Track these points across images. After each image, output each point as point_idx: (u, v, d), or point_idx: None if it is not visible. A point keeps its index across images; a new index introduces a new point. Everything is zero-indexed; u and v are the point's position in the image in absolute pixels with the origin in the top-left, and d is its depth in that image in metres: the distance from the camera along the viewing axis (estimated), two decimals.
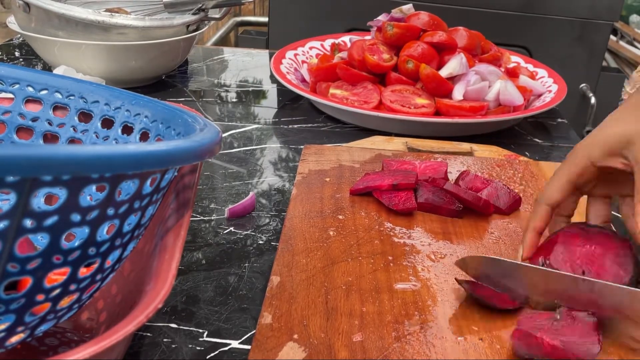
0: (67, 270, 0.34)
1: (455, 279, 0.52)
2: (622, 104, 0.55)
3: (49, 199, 0.51)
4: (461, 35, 0.98)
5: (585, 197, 0.57)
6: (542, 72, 1.06)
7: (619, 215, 0.71)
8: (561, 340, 0.44)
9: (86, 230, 0.33)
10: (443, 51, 0.94)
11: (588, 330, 0.45)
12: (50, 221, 0.30)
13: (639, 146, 0.49)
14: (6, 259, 0.30)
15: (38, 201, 0.50)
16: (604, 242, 0.51)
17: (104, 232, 0.35)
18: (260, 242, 0.62)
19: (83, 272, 0.35)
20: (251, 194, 0.68)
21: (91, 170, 0.28)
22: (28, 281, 0.32)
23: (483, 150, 0.81)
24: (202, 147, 0.35)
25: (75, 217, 0.31)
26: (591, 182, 0.55)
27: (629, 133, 0.50)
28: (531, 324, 0.46)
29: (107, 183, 0.32)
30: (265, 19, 1.75)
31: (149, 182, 0.36)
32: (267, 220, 0.65)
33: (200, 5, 1.03)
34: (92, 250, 0.34)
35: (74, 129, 0.51)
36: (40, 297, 0.33)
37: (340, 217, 0.63)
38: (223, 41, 1.97)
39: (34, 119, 0.51)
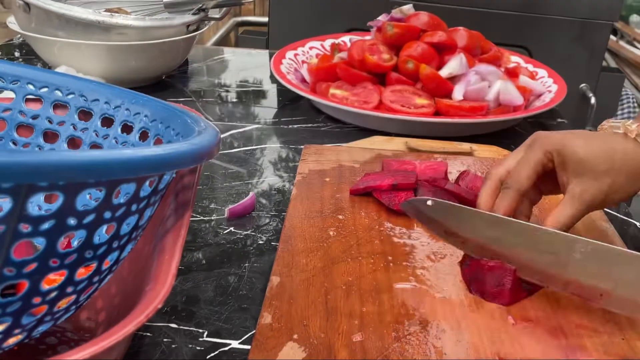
0: (63, 273, 0.34)
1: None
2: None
3: (48, 197, 0.51)
4: (461, 35, 0.98)
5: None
6: (542, 72, 1.06)
7: (617, 214, 0.71)
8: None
9: (83, 233, 0.33)
10: (443, 51, 0.94)
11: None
12: (46, 225, 0.30)
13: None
14: (2, 263, 0.30)
15: (38, 199, 0.50)
16: None
17: (101, 235, 0.35)
18: (260, 242, 0.62)
19: (81, 272, 0.35)
20: (251, 194, 0.67)
21: (87, 177, 0.28)
22: (25, 284, 0.32)
23: (483, 150, 0.81)
24: (199, 151, 0.35)
25: (72, 221, 0.31)
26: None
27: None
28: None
29: (104, 187, 0.31)
30: (265, 19, 1.75)
31: (146, 184, 0.35)
32: (267, 220, 0.65)
33: (200, 5, 1.02)
34: (89, 253, 0.34)
35: (73, 127, 0.51)
36: (37, 299, 0.33)
37: (340, 217, 0.63)
38: (223, 41, 1.97)
39: (34, 117, 0.51)
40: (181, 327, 0.49)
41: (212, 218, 0.65)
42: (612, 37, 2.49)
